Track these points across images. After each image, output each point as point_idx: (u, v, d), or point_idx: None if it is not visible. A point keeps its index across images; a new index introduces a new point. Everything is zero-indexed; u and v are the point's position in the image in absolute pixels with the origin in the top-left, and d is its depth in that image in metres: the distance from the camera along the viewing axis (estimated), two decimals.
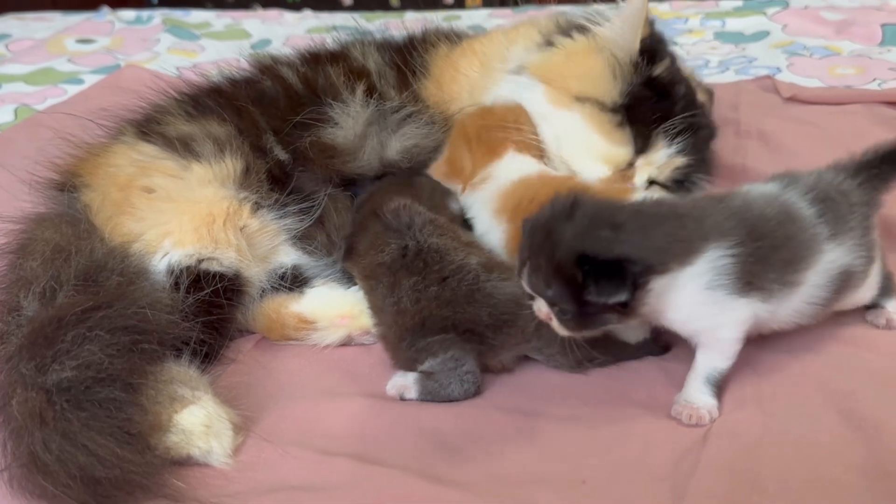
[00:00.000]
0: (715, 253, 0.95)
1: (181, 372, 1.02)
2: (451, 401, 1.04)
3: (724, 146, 1.64)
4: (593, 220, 0.94)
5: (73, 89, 2.06)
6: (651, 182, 1.32)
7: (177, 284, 1.12)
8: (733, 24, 2.36)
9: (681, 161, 1.32)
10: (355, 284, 1.19)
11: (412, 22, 1.71)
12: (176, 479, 0.91)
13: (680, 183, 1.35)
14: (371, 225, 1.14)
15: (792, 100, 1.83)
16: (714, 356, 1.00)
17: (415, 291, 1.05)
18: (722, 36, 2.30)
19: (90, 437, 0.87)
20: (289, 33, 2.44)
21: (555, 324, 0.96)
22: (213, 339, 1.11)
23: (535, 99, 1.32)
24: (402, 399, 1.05)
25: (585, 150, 1.30)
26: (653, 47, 1.31)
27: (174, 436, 0.95)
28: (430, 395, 1.04)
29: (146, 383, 0.95)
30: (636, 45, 1.29)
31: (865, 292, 1.10)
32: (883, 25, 2.15)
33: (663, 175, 1.32)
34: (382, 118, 1.32)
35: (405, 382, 1.05)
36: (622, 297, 0.91)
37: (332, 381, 1.10)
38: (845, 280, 1.03)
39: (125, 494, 0.87)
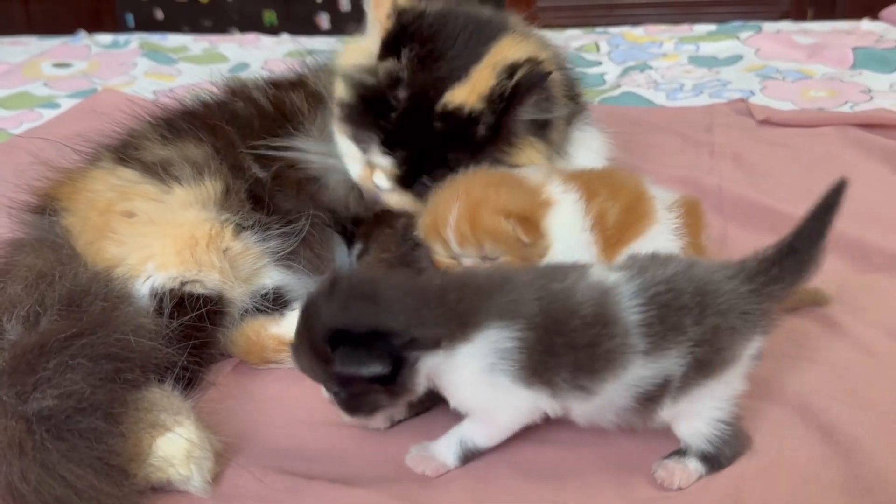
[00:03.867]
0: (497, 334, 0.87)
1: (162, 397, 1.00)
2: None
3: (699, 167, 1.66)
4: (350, 294, 0.88)
5: (49, 113, 2.05)
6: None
7: (160, 308, 1.11)
8: (707, 48, 2.39)
9: (399, 172, 1.22)
10: None
11: None
12: None
13: (408, 185, 1.24)
14: (378, 233, 1.26)
15: (765, 122, 1.85)
16: (479, 433, 0.96)
17: None
18: (696, 60, 2.32)
19: (69, 469, 0.86)
20: (266, 57, 2.45)
21: (337, 409, 0.93)
22: (196, 363, 1.10)
23: None
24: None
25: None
26: (391, 45, 1.22)
27: (154, 461, 0.93)
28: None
29: (127, 412, 0.95)
30: (375, 47, 1.23)
31: (693, 420, 0.93)
32: (854, 49, 2.18)
33: (388, 180, 1.24)
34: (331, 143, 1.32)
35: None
36: (373, 369, 0.86)
37: (312, 406, 1.09)
38: (659, 390, 0.89)
39: None
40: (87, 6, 4.09)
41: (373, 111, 1.21)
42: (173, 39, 2.67)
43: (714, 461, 0.93)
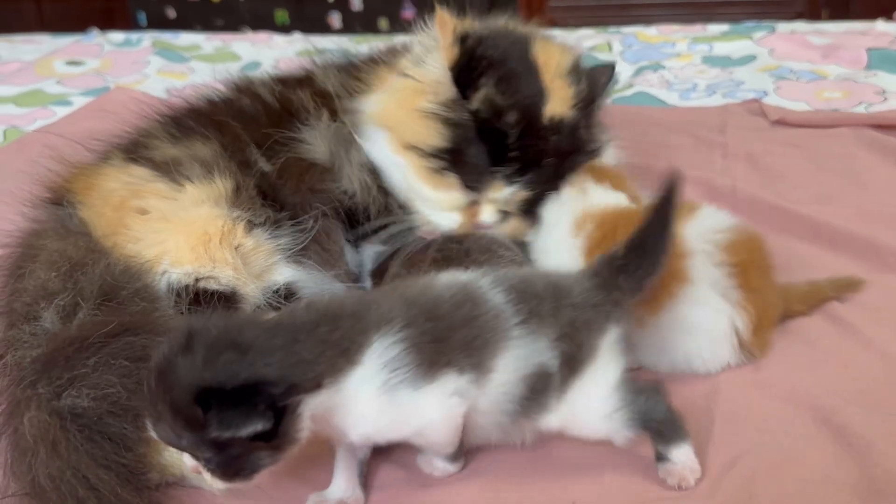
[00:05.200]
0: (382, 344, 0.84)
1: None
2: None
3: (712, 168, 1.66)
4: (213, 346, 0.79)
5: (62, 111, 2.06)
6: (506, 213, 1.26)
7: (177, 304, 1.11)
8: (721, 48, 2.38)
9: (525, 194, 1.23)
10: None
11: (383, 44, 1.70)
12: None
13: (533, 207, 1.26)
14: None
15: (779, 123, 1.85)
16: (436, 447, 0.93)
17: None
18: (709, 60, 2.32)
19: (94, 471, 0.87)
20: (278, 56, 2.46)
21: (208, 477, 0.82)
22: None
23: (378, 148, 1.28)
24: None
25: (419, 199, 1.26)
26: (467, 74, 1.21)
27: (169, 457, 0.94)
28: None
29: None
30: (447, 78, 1.21)
31: (586, 414, 0.93)
32: (868, 50, 2.17)
33: (512, 207, 1.25)
34: (344, 141, 1.33)
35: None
36: (256, 426, 0.77)
37: None
38: (542, 382, 0.90)
39: None
40: (99, 4, 4.11)
41: (488, 145, 1.20)
42: (185, 38, 2.67)
43: (665, 433, 0.93)
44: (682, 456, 0.93)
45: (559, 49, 1.29)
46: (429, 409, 0.86)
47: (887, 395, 1.04)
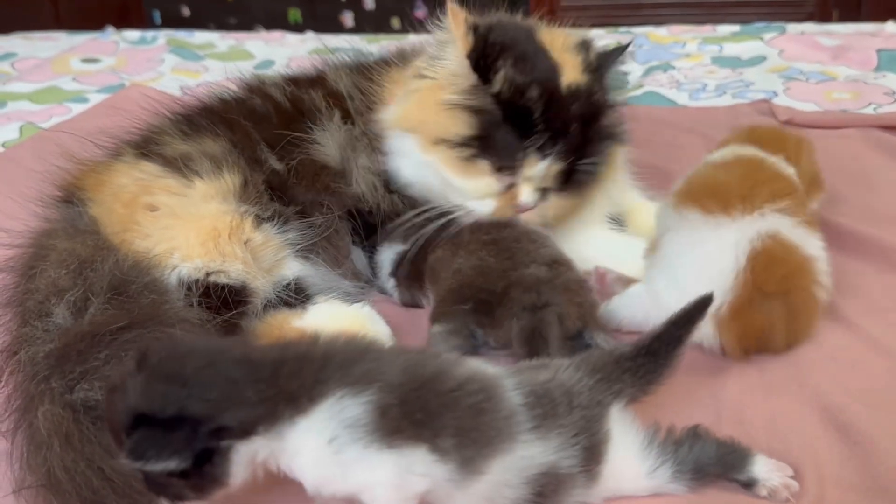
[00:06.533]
0: (341, 403, 0.78)
1: None
2: None
3: None
4: (156, 371, 0.76)
5: (78, 108, 2.07)
6: (545, 189, 1.26)
7: (188, 297, 1.12)
8: (731, 48, 2.37)
9: (559, 167, 1.24)
10: (357, 301, 1.23)
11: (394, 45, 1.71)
12: None
13: (568, 179, 1.27)
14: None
15: (788, 123, 1.84)
16: None
17: (479, 260, 1.17)
18: (719, 60, 2.31)
19: (107, 462, 0.87)
20: (291, 54, 2.46)
21: None
22: None
23: (409, 151, 1.29)
24: None
25: (454, 190, 1.27)
26: (483, 60, 1.22)
27: None
28: None
29: None
30: (465, 67, 1.22)
31: (628, 483, 0.90)
32: (878, 51, 2.17)
33: (550, 182, 1.26)
34: (354, 142, 1.34)
35: None
36: (168, 464, 0.74)
37: None
38: (550, 483, 0.84)
39: None
40: (114, 3, 4.12)
41: (515, 123, 1.21)
42: (200, 36, 2.68)
43: (730, 463, 0.91)
44: (763, 470, 0.90)
45: (562, 32, 1.33)
46: (375, 473, 0.78)
47: (893, 394, 1.03)
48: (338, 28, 3.79)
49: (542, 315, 1.08)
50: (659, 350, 0.93)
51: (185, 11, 3.97)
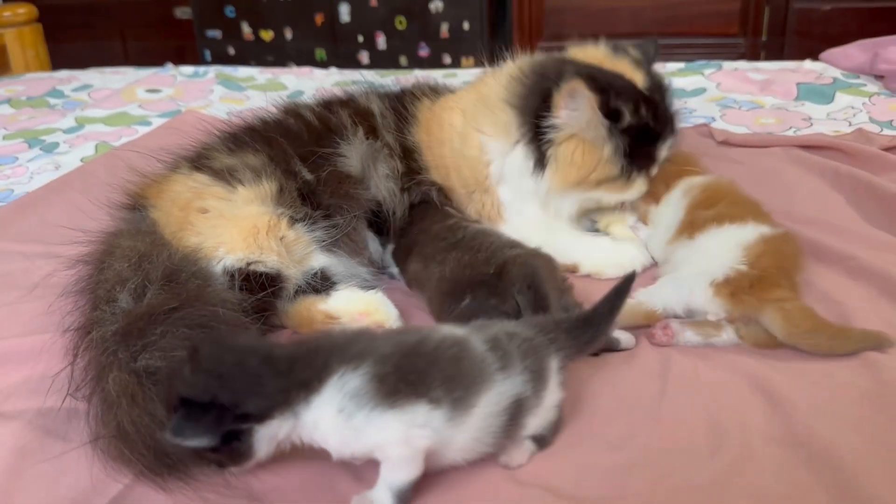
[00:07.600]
0: (345, 376, 0.79)
1: None
2: None
3: None
4: (199, 365, 0.78)
5: (142, 130, 2.06)
6: None
7: (231, 284, 1.12)
8: (677, 82, 2.35)
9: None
10: (373, 288, 1.22)
11: (409, 78, 1.71)
12: None
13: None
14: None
15: (724, 143, 1.84)
16: (392, 470, 0.81)
17: (455, 261, 1.17)
18: None
19: (166, 416, 0.87)
20: (317, 86, 2.45)
21: None
22: (262, 329, 1.11)
23: (569, 204, 1.33)
24: None
25: (613, 200, 1.32)
26: (613, 106, 1.22)
27: None
28: None
29: None
30: (597, 118, 1.21)
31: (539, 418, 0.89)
32: (798, 84, 2.16)
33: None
34: (375, 154, 1.33)
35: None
36: (201, 441, 0.75)
37: None
38: (519, 408, 0.85)
39: (186, 466, 0.87)
40: (173, 44, 4.13)
41: (642, 134, 1.26)
42: (243, 71, 2.67)
43: (544, 441, 0.90)
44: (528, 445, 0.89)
45: (590, 48, 1.37)
46: (384, 432, 0.78)
47: (810, 365, 1.02)
48: (356, 64, 3.78)
49: (536, 284, 1.07)
50: (593, 319, 0.95)
51: (231, 51, 3.95)
